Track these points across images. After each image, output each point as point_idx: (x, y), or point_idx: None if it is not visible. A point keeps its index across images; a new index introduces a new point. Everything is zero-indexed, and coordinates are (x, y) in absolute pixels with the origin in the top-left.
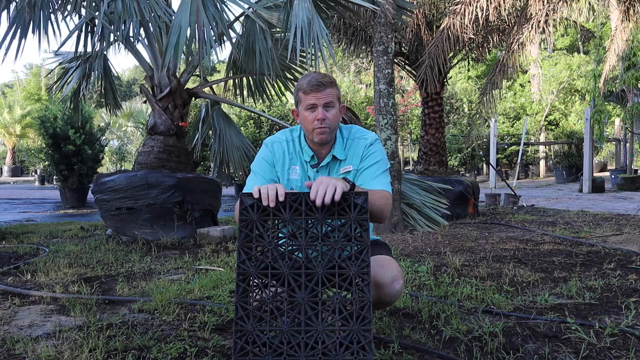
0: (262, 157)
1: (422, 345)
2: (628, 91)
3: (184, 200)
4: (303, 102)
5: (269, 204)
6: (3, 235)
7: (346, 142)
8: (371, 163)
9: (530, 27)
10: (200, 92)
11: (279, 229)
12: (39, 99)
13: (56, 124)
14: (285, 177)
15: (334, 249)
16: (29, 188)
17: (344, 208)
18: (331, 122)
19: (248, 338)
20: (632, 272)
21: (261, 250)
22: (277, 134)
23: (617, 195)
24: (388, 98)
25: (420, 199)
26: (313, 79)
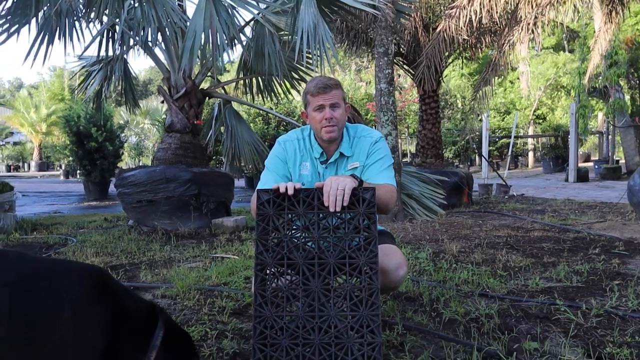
0: (276, 154)
1: (424, 326)
2: (610, 87)
3: (199, 193)
4: (311, 103)
5: (287, 192)
6: (34, 227)
7: (353, 140)
8: (377, 159)
9: (520, 29)
10: (213, 92)
11: (293, 222)
12: (63, 99)
13: (79, 122)
14: (296, 173)
15: (344, 240)
16: (54, 182)
17: (353, 202)
18: (338, 120)
19: (266, 323)
20: (615, 257)
21: (277, 242)
22: (289, 132)
23: (600, 184)
24: (388, 96)
25: (419, 190)
26: (320, 82)
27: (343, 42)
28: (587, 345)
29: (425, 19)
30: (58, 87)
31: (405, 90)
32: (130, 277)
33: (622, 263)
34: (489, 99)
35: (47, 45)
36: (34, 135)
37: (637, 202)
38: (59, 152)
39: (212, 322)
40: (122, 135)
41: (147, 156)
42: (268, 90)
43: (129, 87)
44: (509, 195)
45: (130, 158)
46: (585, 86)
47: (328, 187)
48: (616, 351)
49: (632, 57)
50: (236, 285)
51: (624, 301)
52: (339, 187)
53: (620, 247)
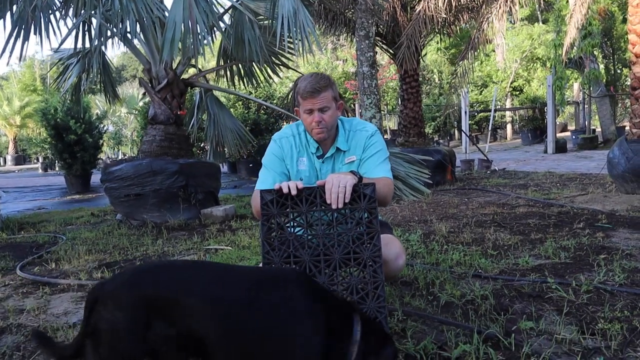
0: (272, 152)
1: (423, 311)
2: (585, 58)
3: (187, 184)
4: (301, 106)
5: (290, 192)
6: (21, 226)
7: (348, 134)
8: (373, 152)
9: (498, 7)
10: (195, 82)
11: (296, 220)
12: (35, 89)
13: (57, 115)
14: (294, 169)
15: (347, 236)
16: (33, 175)
17: (355, 198)
18: (327, 122)
19: None
20: (599, 231)
21: (283, 241)
22: (283, 129)
23: (579, 154)
24: (371, 79)
25: (404, 171)
26: (308, 85)
27: (321, 24)
28: (580, 322)
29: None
30: (29, 77)
31: (382, 67)
32: None
33: (606, 237)
34: (468, 75)
35: (22, 41)
36: (8, 129)
37: (616, 175)
38: (36, 145)
39: None
40: (101, 126)
41: (126, 145)
42: (249, 76)
43: (108, 79)
44: (491, 170)
45: (110, 148)
46: (563, 59)
47: (330, 185)
48: (607, 326)
49: (606, 27)
50: None
51: (611, 276)
52: (340, 184)
53: (603, 220)
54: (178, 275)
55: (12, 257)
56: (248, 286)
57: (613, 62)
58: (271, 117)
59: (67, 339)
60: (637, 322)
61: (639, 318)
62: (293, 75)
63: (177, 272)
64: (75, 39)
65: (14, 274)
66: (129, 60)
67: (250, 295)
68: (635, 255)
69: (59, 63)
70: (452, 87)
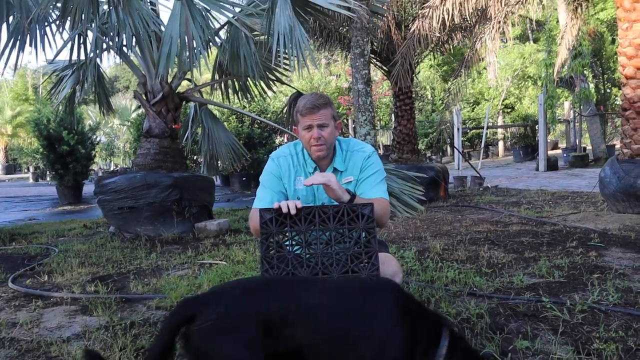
0: (270, 171)
1: None
2: (576, 77)
3: (181, 197)
4: (301, 123)
5: (290, 212)
6: (12, 236)
7: (345, 154)
8: (370, 173)
9: (491, 28)
10: (190, 96)
11: (294, 238)
12: (27, 99)
13: (50, 126)
14: (291, 188)
15: (346, 255)
16: (24, 185)
17: (353, 218)
18: (326, 139)
19: None
20: (592, 249)
21: (282, 259)
22: (281, 147)
23: (570, 172)
24: (366, 97)
25: (398, 187)
26: (308, 102)
27: (316, 40)
28: (576, 342)
29: (398, 17)
30: (21, 87)
31: (376, 83)
32: (120, 288)
33: (599, 255)
34: (461, 93)
35: (17, 52)
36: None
37: (608, 194)
38: (27, 155)
39: None
40: (93, 137)
41: (118, 156)
42: (244, 91)
43: (102, 91)
44: (483, 187)
45: (102, 159)
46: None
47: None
48: (603, 347)
49: (595, 47)
50: None
51: (605, 295)
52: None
53: (596, 239)
54: (283, 291)
55: (3, 269)
56: (345, 298)
57: (603, 82)
58: (265, 131)
59: (60, 354)
60: (632, 343)
61: (633, 338)
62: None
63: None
64: (71, 51)
65: (6, 286)
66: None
67: (347, 305)
68: (629, 275)
69: (53, 74)
70: (446, 104)
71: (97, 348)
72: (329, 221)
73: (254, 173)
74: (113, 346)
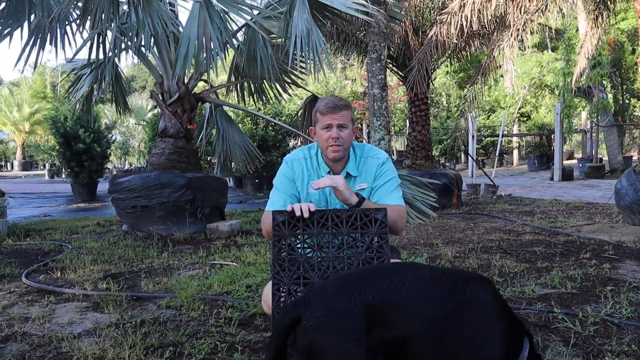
0: (283, 173)
1: None
2: (594, 87)
3: (194, 198)
4: (320, 122)
5: (303, 214)
6: (27, 232)
7: (359, 160)
8: (385, 181)
9: (510, 35)
10: (206, 97)
11: (306, 242)
12: (45, 97)
13: (67, 124)
14: (304, 192)
15: (357, 259)
16: (39, 182)
17: (366, 223)
18: (344, 140)
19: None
20: (606, 262)
21: (293, 262)
22: (295, 151)
23: (585, 183)
24: (381, 102)
25: (411, 193)
26: (330, 102)
27: (333, 44)
28: (587, 355)
29: (415, 22)
30: (40, 85)
31: (391, 88)
32: (132, 286)
33: (613, 268)
34: (478, 100)
35: (38, 50)
36: (16, 135)
37: (624, 206)
38: (44, 152)
39: (220, 334)
40: (109, 136)
41: (133, 155)
42: (259, 93)
43: (120, 90)
44: (497, 195)
45: (117, 158)
46: (572, 88)
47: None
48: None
49: (615, 57)
50: (239, 295)
51: (618, 308)
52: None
53: (610, 251)
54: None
55: (17, 264)
56: (449, 289)
57: (621, 92)
58: (279, 134)
59: (71, 350)
60: None
61: None
62: (302, 93)
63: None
64: (90, 50)
65: (20, 281)
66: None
67: (449, 295)
68: None
69: (72, 73)
70: (461, 111)
71: (107, 345)
72: (342, 225)
73: (267, 175)
74: (123, 344)
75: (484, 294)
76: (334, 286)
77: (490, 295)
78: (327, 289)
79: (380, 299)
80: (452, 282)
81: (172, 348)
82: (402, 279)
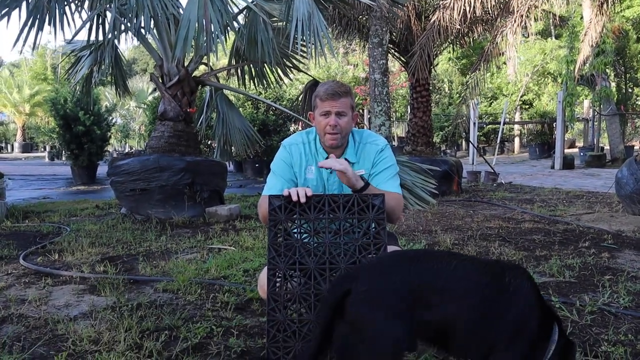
0: (281, 158)
1: None
2: (597, 75)
3: (193, 181)
4: (319, 108)
5: (300, 199)
6: (25, 214)
7: (358, 146)
8: (383, 168)
9: (513, 21)
10: (206, 80)
11: (303, 227)
12: (46, 78)
13: (67, 106)
14: (302, 177)
15: (354, 245)
16: (39, 164)
17: (363, 208)
18: (342, 128)
19: (279, 327)
20: (605, 251)
21: (289, 247)
22: (293, 136)
23: (586, 172)
24: (382, 87)
25: (411, 180)
26: (329, 88)
27: (335, 29)
28: (584, 344)
29: (418, 7)
30: (40, 66)
31: (393, 74)
32: (129, 269)
33: (612, 257)
34: (480, 87)
35: (36, 31)
36: (17, 117)
37: (624, 195)
38: (44, 134)
39: (217, 318)
40: (109, 119)
41: (133, 138)
42: (260, 77)
43: (119, 72)
44: (497, 183)
45: (117, 141)
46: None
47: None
48: (611, 349)
49: (619, 45)
50: (236, 279)
51: (616, 298)
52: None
53: (609, 241)
54: (428, 263)
55: (15, 246)
56: (491, 276)
57: (625, 81)
58: (279, 118)
59: (67, 333)
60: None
61: None
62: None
63: (425, 260)
64: (89, 31)
65: (17, 263)
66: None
67: (492, 284)
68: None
69: (72, 54)
70: (463, 98)
71: (103, 328)
72: (339, 210)
73: (267, 160)
74: (119, 327)
75: (522, 281)
76: (383, 264)
77: (527, 282)
78: (377, 266)
79: (425, 281)
80: (493, 269)
81: (168, 332)
82: (448, 264)
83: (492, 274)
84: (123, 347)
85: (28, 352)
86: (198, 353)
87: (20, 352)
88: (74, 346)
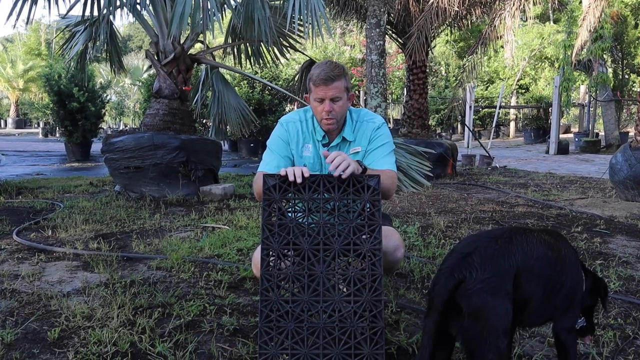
0: (278, 135)
1: (417, 304)
2: (594, 61)
3: (188, 160)
4: (313, 93)
5: (296, 179)
6: (19, 190)
7: (355, 125)
8: (378, 145)
9: (512, 5)
10: (202, 58)
11: (297, 206)
12: (40, 54)
13: (61, 82)
14: (299, 155)
15: (348, 226)
16: (33, 140)
17: (358, 189)
18: (337, 113)
19: (272, 307)
20: (597, 236)
21: (283, 227)
22: (291, 113)
23: (580, 157)
24: (379, 68)
25: (406, 162)
26: (322, 73)
27: (332, 9)
28: None
29: None
30: (34, 41)
31: (390, 56)
32: (123, 247)
33: (604, 242)
34: (477, 71)
35: (30, 5)
36: (10, 92)
37: (618, 181)
38: (38, 110)
39: (210, 296)
40: (104, 95)
41: (128, 116)
42: (256, 56)
43: (114, 49)
44: (491, 166)
45: (111, 118)
46: (572, 61)
47: (335, 155)
48: (600, 333)
49: (617, 31)
50: (229, 258)
51: (607, 282)
52: (345, 160)
53: (602, 226)
54: (521, 243)
55: (8, 222)
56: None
57: (622, 67)
58: (275, 98)
59: (60, 308)
60: (630, 331)
61: (632, 326)
62: (300, 57)
63: (518, 240)
64: (84, 6)
65: (10, 239)
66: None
67: (558, 258)
68: (632, 263)
69: (66, 30)
70: (460, 81)
71: (96, 304)
72: (334, 191)
73: (262, 140)
74: (112, 303)
75: (569, 249)
76: (491, 247)
77: (571, 249)
78: (487, 250)
79: (522, 261)
80: (554, 242)
81: (161, 309)
82: (531, 242)
83: (556, 248)
84: (116, 323)
85: (21, 327)
86: (191, 330)
87: (13, 326)
88: (67, 322)
